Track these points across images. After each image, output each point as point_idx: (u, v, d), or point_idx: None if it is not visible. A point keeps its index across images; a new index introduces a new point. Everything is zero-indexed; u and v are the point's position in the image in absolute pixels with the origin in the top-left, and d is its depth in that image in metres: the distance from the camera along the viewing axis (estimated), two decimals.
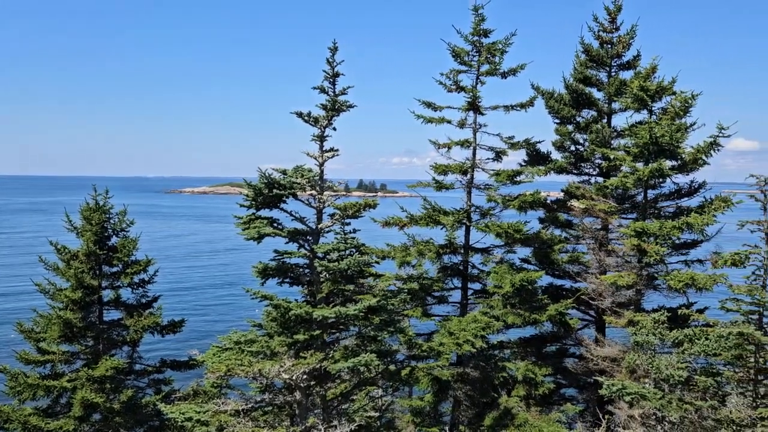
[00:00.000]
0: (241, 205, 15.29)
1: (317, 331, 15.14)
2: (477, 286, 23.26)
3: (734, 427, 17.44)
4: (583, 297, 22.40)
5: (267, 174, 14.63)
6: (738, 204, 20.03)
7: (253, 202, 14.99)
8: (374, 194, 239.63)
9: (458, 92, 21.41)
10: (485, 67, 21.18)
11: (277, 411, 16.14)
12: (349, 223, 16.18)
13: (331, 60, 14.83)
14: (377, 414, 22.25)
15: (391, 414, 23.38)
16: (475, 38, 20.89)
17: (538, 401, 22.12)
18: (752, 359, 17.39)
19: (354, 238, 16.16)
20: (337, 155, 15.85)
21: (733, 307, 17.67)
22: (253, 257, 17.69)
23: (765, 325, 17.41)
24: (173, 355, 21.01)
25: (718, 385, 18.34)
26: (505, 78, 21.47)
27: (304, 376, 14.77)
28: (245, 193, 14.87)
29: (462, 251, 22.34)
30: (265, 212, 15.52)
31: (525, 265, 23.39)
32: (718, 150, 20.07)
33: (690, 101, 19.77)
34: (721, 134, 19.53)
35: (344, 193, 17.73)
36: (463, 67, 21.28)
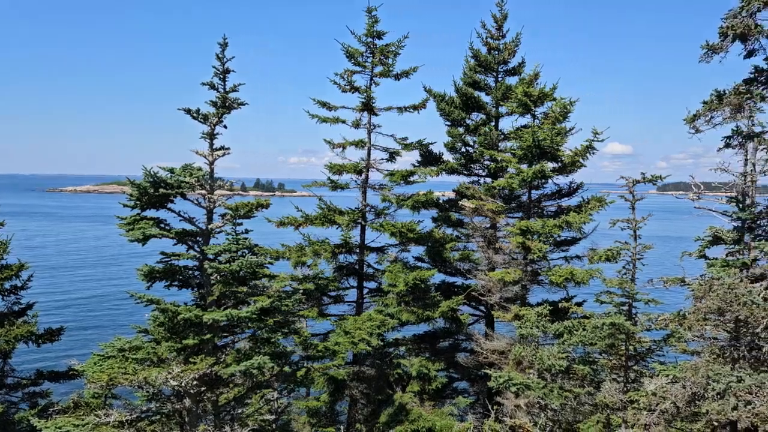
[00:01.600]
0: (125, 205, 14.53)
1: (208, 335, 14.67)
2: (372, 284, 23.51)
3: (608, 411, 18.72)
4: (473, 293, 23.23)
5: (153, 172, 13.99)
6: (611, 203, 21.58)
7: (138, 202, 14.29)
8: (271, 194, 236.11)
9: (352, 92, 21.56)
10: (379, 69, 21.47)
11: (165, 420, 15.47)
12: (241, 224, 15.79)
13: (221, 56, 14.42)
14: (273, 417, 21.91)
15: (287, 416, 23.10)
16: (369, 40, 21.13)
17: (431, 396, 22.71)
18: (623, 347, 18.75)
19: (246, 238, 15.81)
20: (228, 154, 15.45)
21: (606, 300, 18.94)
22: (140, 260, 16.88)
23: (634, 315, 18.84)
24: (52, 366, 19.63)
25: (594, 372, 19.64)
26: (399, 80, 21.89)
27: (194, 382, 14.26)
28: (128, 192, 14.14)
29: (357, 250, 22.51)
30: (151, 212, 14.83)
31: (419, 264, 23.96)
32: (593, 153, 21.55)
33: (569, 107, 21.08)
34: (596, 139, 21.01)
35: (239, 192, 17.31)
36: (358, 68, 21.46)
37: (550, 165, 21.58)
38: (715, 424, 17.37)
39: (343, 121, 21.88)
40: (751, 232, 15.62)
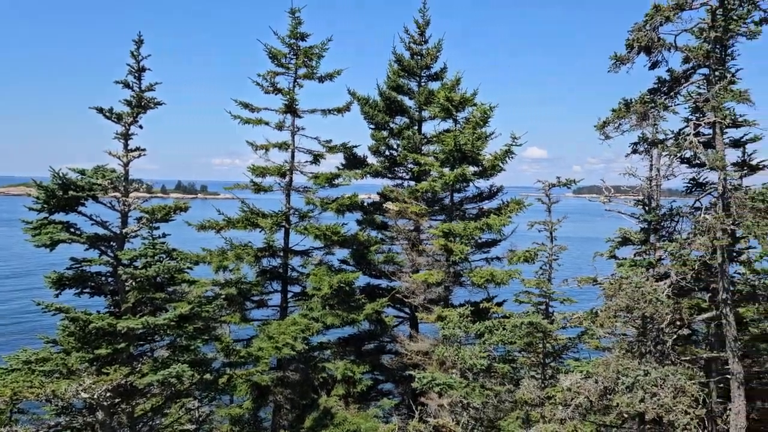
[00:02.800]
0: (31, 209, 13.71)
1: (122, 344, 14.06)
2: (297, 288, 23.26)
3: (527, 407, 19.30)
4: (397, 295, 23.42)
5: (61, 174, 13.28)
6: (529, 206, 22.31)
7: (45, 205, 13.53)
8: (194, 196, 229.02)
9: (276, 94, 21.28)
10: (302, 71, 21.30)
11: None
12: (158, 227, 15.26)
13: (135, 53, 13.88)
14: (193, 427, 21.25)
15: (208, 425, 22.46)
16: (293, 41, 20.92)
17: (357, 398, 22.70)
18: (541, 345, 19.43)
19: (164, 243, 15.29)
20: (144, 155, 14.89)
21: (525, 299, 19.58)
22: (48, 266, 15.95)
23: (550, 314, 19.57)
24: None
25: (513, 370, 20.25)
26: (323, 82, 21.79)
27: (108, 394, 13.63)
28: (35, 194, 13.36)
29: (281, 254, 22.21)
30: (60, 216, 14.08)
31: (343, 267, 23.91)
32: (512, 157, 22.22)
33: (488, 112, 21.65)
34: (514, 143, 21.68)
35: (158, 195, 16.69)
36: (281, 69, 21.21)
37: (472, 169, 22.08)
38: (626, 415, 18.30)
39: (266, 123, 21.54)
40: (656, 233, 16.56)
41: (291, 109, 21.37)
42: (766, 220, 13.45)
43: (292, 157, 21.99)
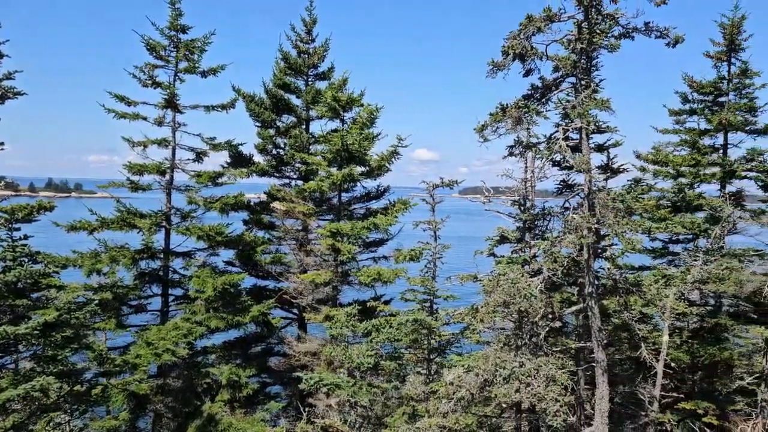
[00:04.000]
0: None
1: None
2: (179, 291, 22.37)
3: (413, 403, 19.72)
4: (285, 296, 23.12)
5: None
6: (414, 206, 22.81)
7: None
8: (67, 195, 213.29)
9: (155, 88, 20.31)
10: (184, 64, 20.48)
11: None
12: (19, 228, 14.07)
13: None
14: None
15: None
16: (173, 33, 20.06)
17: (243, 403, 22.17)
18: (426, 342, 19.93)
19: (26, 245, 14.12)
20: (3, 149, 13.65)
21: (410, 297, 19.99)
22: None
23: (435, 311, 20.12)
24: None
25: (400, 367, 20.62)
26: (206, 77, 21.07)
27: None
28: None
29: (162, 256, 21.25)
30: None
31: (228, 268, 23.26)
32: (398, 158, 22.66)
33: (375, 113, 21.91)
34: (400, 144, 22.11)
35: (24, 193, 15.36)
36: (160, 62, 20.27)
37: (359, 169, 22.24)
38: (504, 406, 19.18)
39: (144, 118, 20.51)
40: (530, 232, 17.51)
41: (171, 103, 20.47)
42: (625, 219, 14.61)
43: (173, 154, 21.10)
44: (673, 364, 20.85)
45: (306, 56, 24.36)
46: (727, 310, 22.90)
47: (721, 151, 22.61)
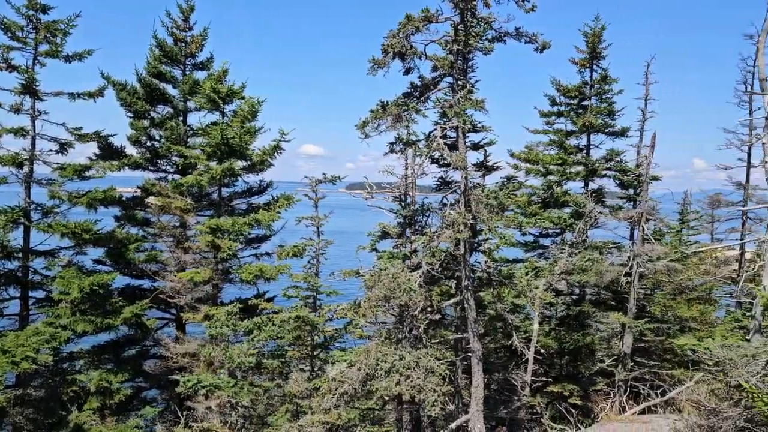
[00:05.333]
0: None
1: None
2: (41, 293, 20.68)
3: (296, 400, 19.56)
4: (161, 296, 22.05)
5: None
6: (298, 201, 22.57)
7: None
8: None
9: (10, 72, 18.55)
10: (44, 47, 18.88)
11: None
12: None
13: None
14: None
15: None
16: (31, 13, 18.40)
17: (115, 410, 20.92)
18: (309, 338, 19.84)
19: None
20: None
21: (293, 294, 19.79)
22: None
23: (318, 307, 20.06)
24: None
25: (283, 365, 20.39)
26: (70, 62, 19.57)
27: None
28: None
29: (20, 255, 19.52)
30: None
31: (98, 267, 21.81)
32: (281, 153, 22.27)
33: (257, 106, 21.40)
34: (283, 139, 21.75)
35: None
36: (16, 44, 18.53)
37: (240, 163, 21.64)
38: (386, 398, 19.53)
39: None
40: (410, 227, 17.91)
41: (30, 89, 18.81)
42: (498, 215, 15.32)
43: (33, 144, 19.43)
44: (542, 351, 22.26)
45: (183, 44, 23.28)
46: (589, 299, 24.79)
47: (585, 151, 24.35)
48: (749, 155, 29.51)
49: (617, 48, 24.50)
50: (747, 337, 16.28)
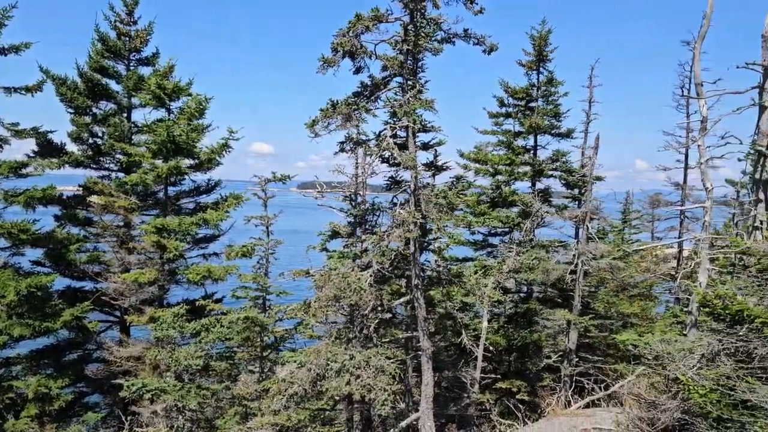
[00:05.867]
0: None
1: None
2: None
3: (245, 402, 19.28)
4: (104, 298, 21.40)
5: None
6: (247, 200, 22.25)
7: None
8: None
9: None
10: None
11: None
12: None
13: None
14: None
15: None
16: None
17: (55, 417, 20.17)
18: (258, 339, 19.59)
19: None
20: None
21: (242, 295, 19.51)
22: None
23: (268, 308, 19.82)
24: None
25: (231, 366, 20.07)
26: (6, 55, 18.71)
27: None
28: None
29: None
30: None
31: (36, 269, 20.97)
32: (229, 151, 21.90)
33: (204, 104, 21.00)
34: (231, 137, 21.40)
35: None
36: None
37: (187, 161, 21.21)
38: (336, 398, 19.46)
39: None
40: (361, 227, 17.89)
41: None
42: (447, 214, 15.46)
43: None
44: (491, 348, 22.61)
45: (127, 39, 22.58)
46: (537, 296, 25.31)
47: (532, 151, 24.85)
48: (686, 157, 30.78)
49: (563, 51, 25.14)
50: (684, 332, 16.92)
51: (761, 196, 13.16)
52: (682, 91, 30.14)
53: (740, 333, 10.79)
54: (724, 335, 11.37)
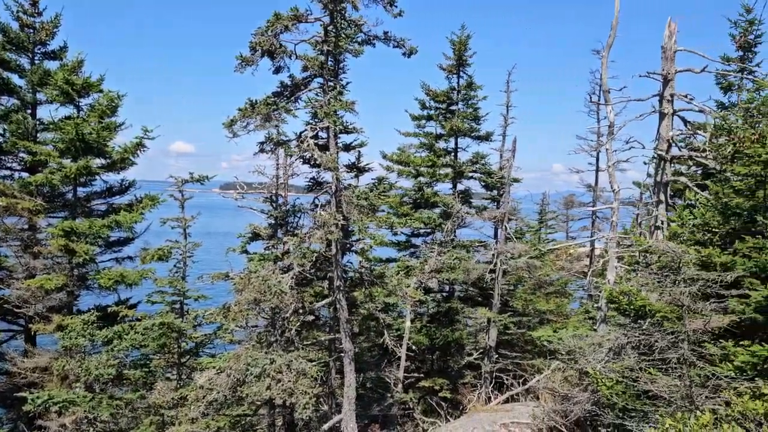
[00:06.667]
0: None
1: None
2: None
3: (162, 411, 18.61)
4: (7, 306, 20.08)
5: None
6: (164, 202, 21.48)
7: None
8: None
9: None
10: None
11: None
12: None
13: None
14: None
15: None
16: None
17: None
18: (175, 345, 18.94)
19: None
20: None
21: (158, 299, 18.83)
22: None
23: (186, 313, 19.20)
24: None
25: (147, 374, 19.30)
26: None
27: None
28: None
29: None
30: None
31: None
32: (144, 150, 21.06)
33: (116, 101, 20.10)
34: (146, 136, 20.59)
35: None
36: None
37: (99, 161, 20.23)
38: (258, 403, 19.10)
39: None
40: (282, 228, 17.65)
41: None
42: (369, 216, 15.51)
43: None
44: (414, 347, 22.87)
45: (31, 31, 21.27)
46: (458, 296, 25.82)
47: (453, 154, 25.33)
48: (598, 160, 32.29)
49: (482, 56, 25.77)
50: (595, 327, 17.72)
51: (662, 197, 13.97)
52: (590, 97, 31.64)
53: (643, 327, 11.39)
54: (629, 329, 11.99)
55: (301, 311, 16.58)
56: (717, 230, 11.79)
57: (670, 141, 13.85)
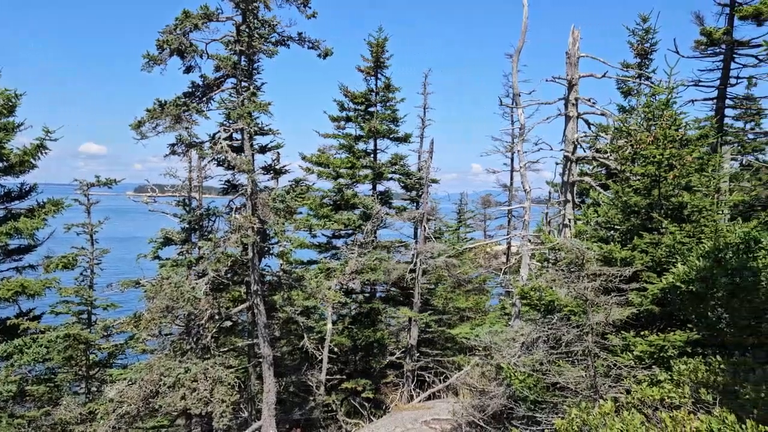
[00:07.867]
0: None
1: None
2: None
3: (69, 428, 17.65)
4: None
5: None
6: (69, 207, 20.33)
7: None
8: None
9: None
10: None
11: None
12: None
13: None
14: None
15: None
16: None
17: None
18: (83, 358, 18.02)
19: None
20: None
21: (63, 310, 17.87)
22: None
23: (94, 323, 18.29)
24: None
25: (52, 389, 18.25)
26: None
27: None
28: None
29: None
30: None
31: None
32: (46, 152, 19.83)
33: (14, 100, 18.84)
34: (48, 137, 19.41)
35: None
36: None
37: None
38: (174, 414, 18.46)
39: None
40: (196, 232, 17.12)
41: None
42: (286, 219, 15.30)
43: None
44: (336, 349, 22.79)
45: None
46: (380, 296, 25.96)
47: (372, 155, 25.43)
48: (512, 160, 33.37)
49: (399, 59, 26.03)
50: (510, 323, 18.27)
51: (569, 197, 14.57)
52: (500, 101, 32.69)
53: (553, 321, 11.83)
54: (539, 324, 12.41)
55: (217, 317, 16.14)
56: (618, 227, 12.41)
57: (576, 143, 14.47)
